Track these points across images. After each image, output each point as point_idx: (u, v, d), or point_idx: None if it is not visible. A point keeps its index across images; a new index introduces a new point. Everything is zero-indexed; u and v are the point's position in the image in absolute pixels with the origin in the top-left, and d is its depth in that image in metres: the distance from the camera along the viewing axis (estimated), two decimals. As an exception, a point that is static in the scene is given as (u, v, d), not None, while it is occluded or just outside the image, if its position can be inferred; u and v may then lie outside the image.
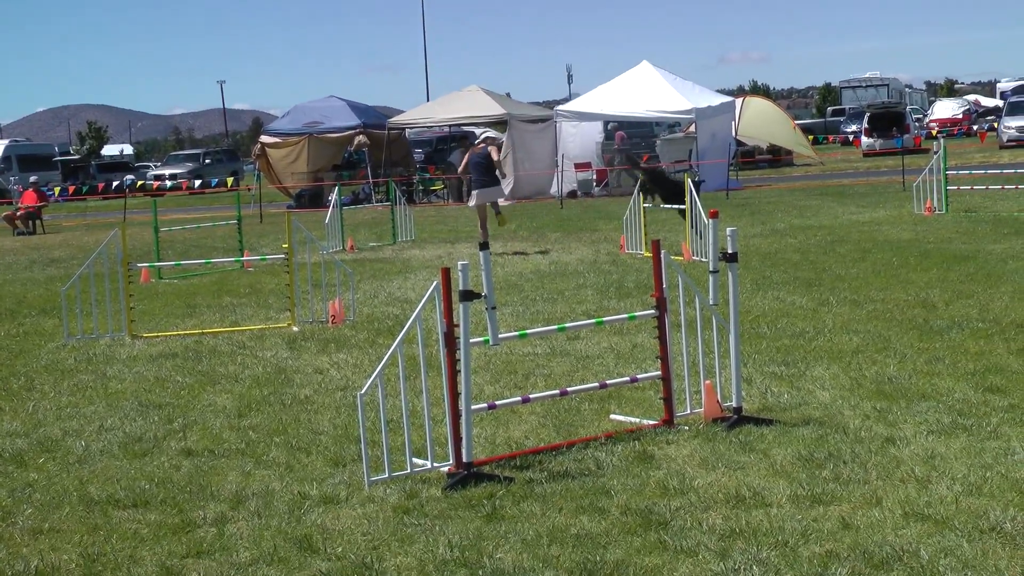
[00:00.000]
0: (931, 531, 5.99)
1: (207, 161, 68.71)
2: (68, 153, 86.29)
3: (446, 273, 7.45)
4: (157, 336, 13.91)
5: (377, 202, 38.47)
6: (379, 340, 12.75)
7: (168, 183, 58.42)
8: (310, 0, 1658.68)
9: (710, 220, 8.67)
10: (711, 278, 8.48)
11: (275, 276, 19.28)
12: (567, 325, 8.62)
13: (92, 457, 8.49)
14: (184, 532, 6.72)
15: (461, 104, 41.67)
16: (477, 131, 54.16)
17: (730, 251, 8.49)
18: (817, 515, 6.34)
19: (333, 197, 25.25)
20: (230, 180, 47.12)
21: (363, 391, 7.43)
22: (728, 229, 8.66)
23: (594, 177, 40.41)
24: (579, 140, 40.57)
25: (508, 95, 47.71)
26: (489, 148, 21.35)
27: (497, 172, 21.80)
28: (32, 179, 39.98)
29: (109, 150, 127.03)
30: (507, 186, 38.69)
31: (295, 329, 13.85)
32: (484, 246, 7.56)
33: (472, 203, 21.61)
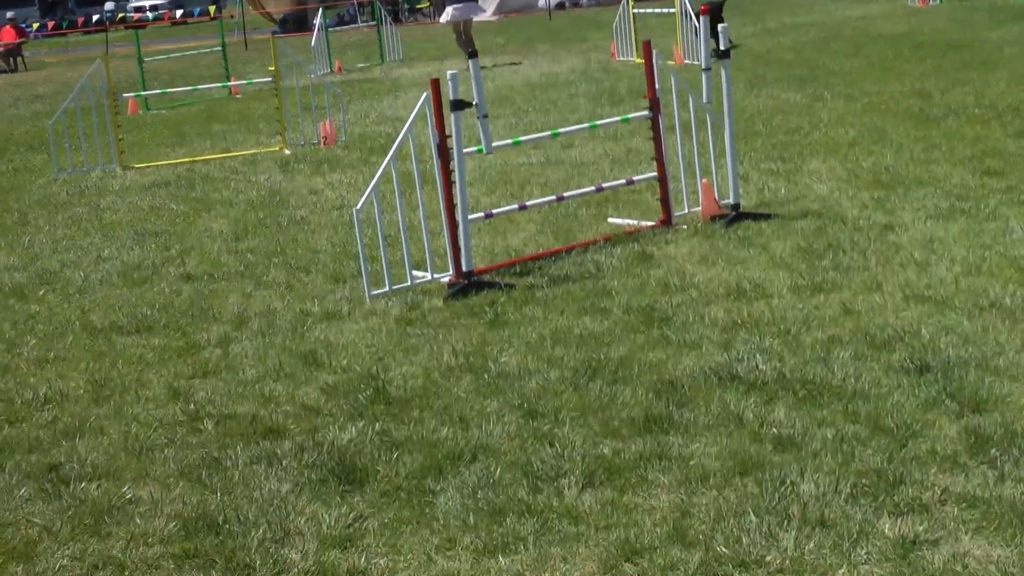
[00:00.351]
0: (931, 311, 6.02)
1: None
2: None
3: (435, 85, 7.35)
4: (148, 166, 13.82)
5: (363, 23, 37.90)
6: (372, 159, 12.66)
7: (150, 15, 57.49)
8: None
9: (701, 17, 8.52)
10: (704, 76, 8.37)
11: (264, 101, 19.05)
12: (561, 131, 8.55)
13: (92, 287, 8.49)
14: (189, 354, 6.74)
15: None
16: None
17: (722, 48, 8.36)
18: (818, 303, 6.36)
19: (318, 20, 24.86)
20: (212, 8, 46.49)
21: (358, 207, 7.39)
22: (720, 26, 8.52)
23: (583, -13, 39.83)
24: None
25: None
26: None
27: None
28: (9, 15, 39.33)
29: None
30: (494, 2, 38.13)
31: (287, 152, 13.75)
32: (472, 54, 7.44)
33: (444, 19, 21.28)
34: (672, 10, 19.55)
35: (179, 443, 5.44)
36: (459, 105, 7.31)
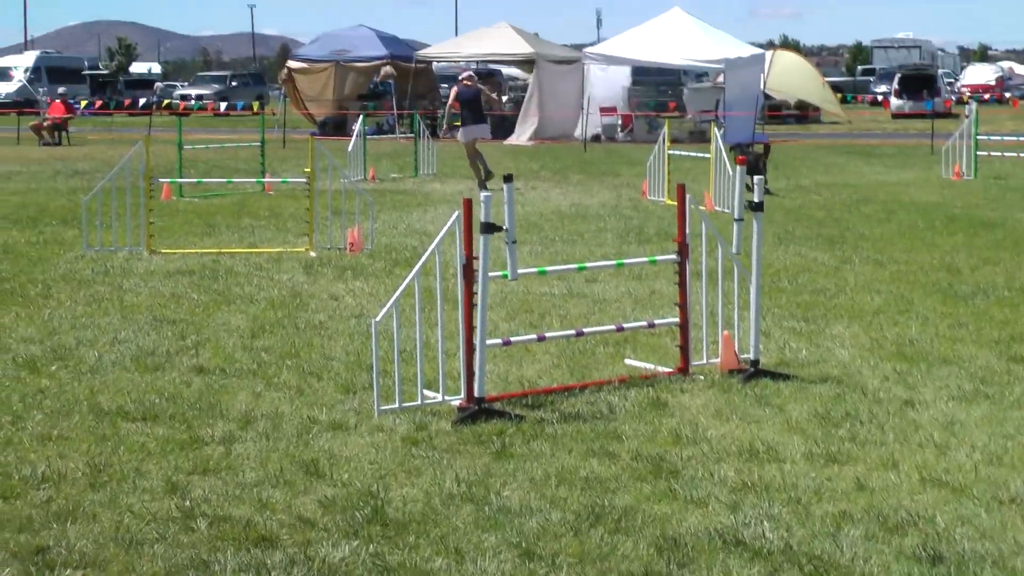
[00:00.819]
0: (948, 498, 5.85)
1: (234, 84, 68.40)
2: (97, 68, 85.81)
3: (468, 205, 7.30)
4: (175, 253, 13.81)
5: (400, 134, 38.21)
6: (396, 270, 12.62)
7: (194, 103, 58.16)
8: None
9: (737, 167, 8.50)
10: (735, 226, 8.32)
11: (295, 201, 19.13)
12: (587, 265, 8.48)
13: (104, 368, 8.40)
14: (191, 448, 6.62)
15: (490, 41, 41.32)
16: (505, 70, 53.97)
17: (756, 200, 8.32)
18: (832, 474, 6.21)
19: (357, 126, 25.04)
20: (256, 104, 46.95)
21: (378, 319, 7.31)
22: (755, 178, 8.49)
23: (619, 122, 40.11)
24: (606, 84, 40.22)
25: (537, 35, 47.30)
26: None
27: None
28: (60, 91, 39.79)
29: (137, 67, 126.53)
30: (531, 127, 38.44)
31: (312, 254, 13.73)
32: (507, 178, 7.39)
33: (461, 139, 21.86)
34: (707, 155, 19.63)
35: (170, 540, 5.30)
36: (490, 228, 7.25)
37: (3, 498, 5.83)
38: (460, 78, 22.53)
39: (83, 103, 46.43)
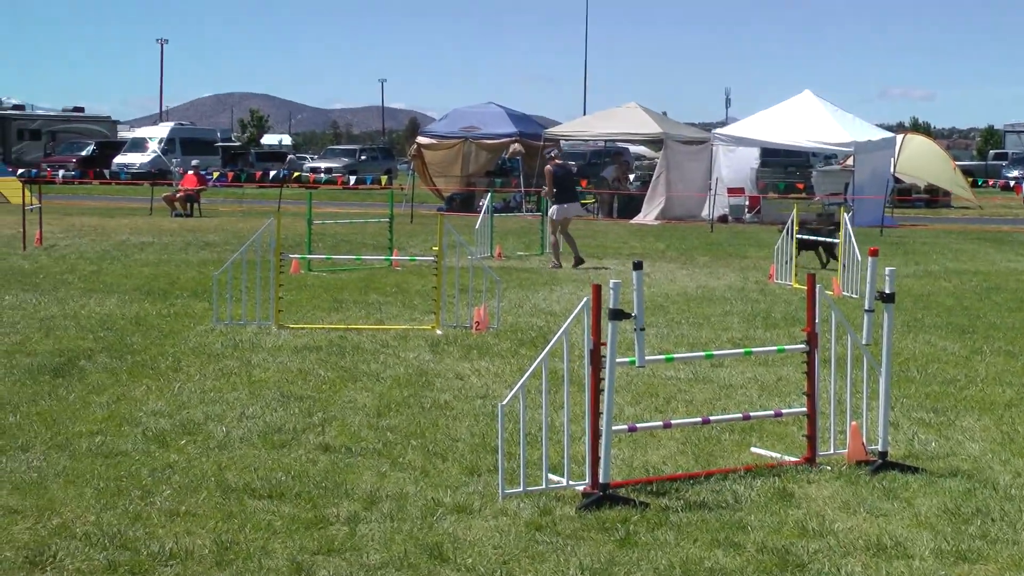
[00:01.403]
0: (1083, 602, 5.74)
1: (363, 157, 69.72)
2: (229, 139, 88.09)
3: (597, 292, 7.38)
4: (303, 328, 14.08)
5: (527, 211, 38.51)
6: (522, 351, 12.72)
7: (324, 176, 59.32)
8: (473, 5, 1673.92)
9: (869, 258, 8.47)
10: (865, 317, 8.28)
11: (422, 277, 19.39)
12: (714, 352, 8.49)
13: (232, 443, 8.60)
14: (316, 528, 6.74)
15: (618, 120, 41.50)
16: (633, 148, 54.20)
17: (888, 291, 8.28)
18: (962, 573, 6.12)
19: (485, 203, 25.34)
20: (384, 178, 47.71)
21: (504, 401, 7.39)
22: (887, 269, 8.44)
23: (747, 203, 39.97)
24: (734, 165, 40.19)
25: (665, 114, 47.50)
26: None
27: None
28: (193, 163, 40.86)
29: (269, 139, 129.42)
30: (658, 206, 38.48)
31: (439, 332, 13.90)
32: (637, 265, 7.46)
33: (555, 216, 22.06)
34: (835, 240, 19.48)
35: (295, 620, 5.40)
36: (618, 315, 7.32)
37: (132, 574, 5.99)
38: (550, 156, 22.87)
39: (215, 175, 47.63)
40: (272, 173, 47.77)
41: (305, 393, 10.41)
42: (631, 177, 44.22)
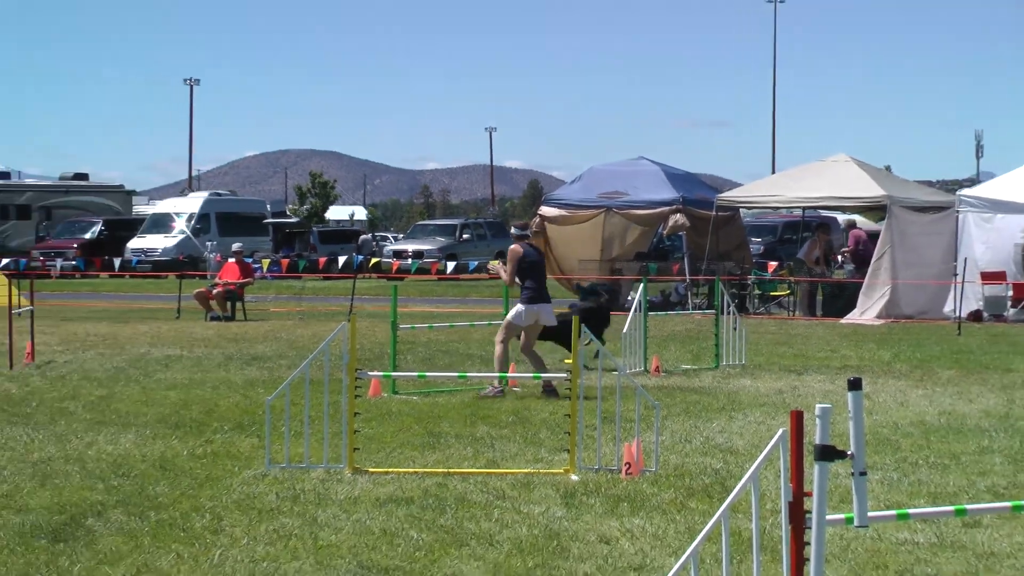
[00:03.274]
0: None
1: (465, 236, 70.43)
2: (283, 213, 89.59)
3: (797, 420, 7.37)
4: (387, 472, 14.19)
5: (695, 308, 38.53)
6: (691, 503, 12.69)
7: (412, 263, 59.93)
8: (613, 27, 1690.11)
9: None
10: None
11: (550, 402, 19.44)
12: (967, 507, 8.41)
13: (293, 633, 8.68)
14: None
15: (822, 179, 41.39)
16: (842, 217, 54.01)
17: None
18: None
19: (635, 297, 25.38)
20: (495, 264, 48.06)
21: (671, 574, 7.38)
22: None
23: (1009, 293, 39.53)
24: (990, 240, 39.73)
25: (888, 169, 47.45)
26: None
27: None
28: (235, 247, 41.51)
29: (337, 212, 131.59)
30: (880, 300, 38.24)
31: (574, 478, 13.92)
32: (854, 384, 7.44)
33: (520, 321, 21.33)
34: None
35: None
36: (828, 454, 7.29)
37: None
38: (514, 232, 22.64)
39: (265, 263, 48.41)
40: (342, 259, 48.48)
41: (392, 564, 10.48)
42: (840, 259, 44.03)
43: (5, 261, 50.98)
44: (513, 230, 22.72)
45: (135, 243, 69.26)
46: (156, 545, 10.99)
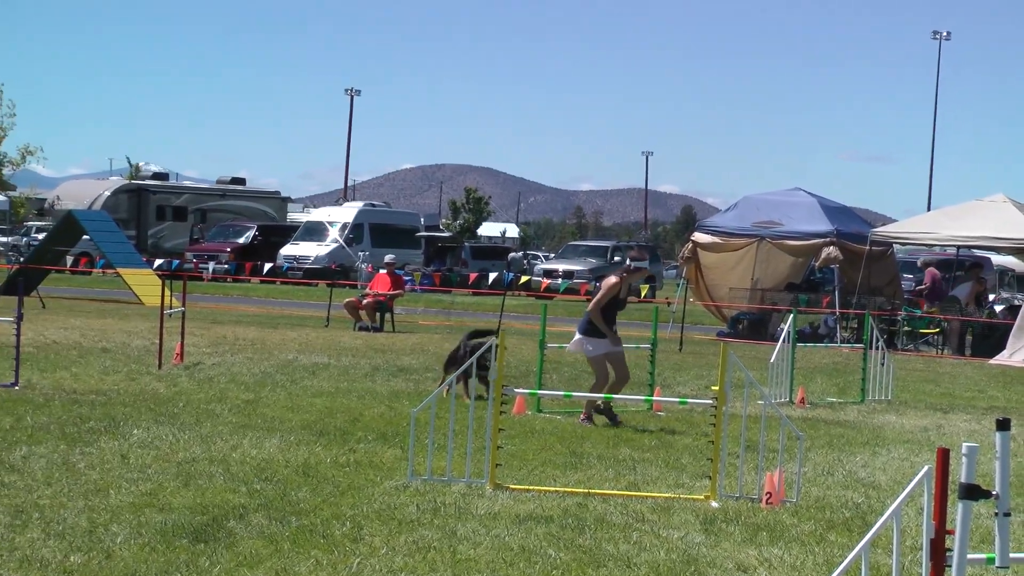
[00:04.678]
0: None
1: (616, 258, 70.41)
2: (437, 227, 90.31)
3: (943, 457, 7.32)
4: (528, 490, 14.23)
5: (844, 341, 38.26)
6: (831, 536, 12.62)
7: (562, 282, 60.07)
8: (771, 58, 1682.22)
9: None
10: None
11: (693, 426, 19.41)
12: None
13: (427, 644, 8.74)
14: None
15: (978, 218, 40.94)
16: (996, 258, 53.44)
17: None
18: None
19: (785, 327, 25.27)
20: (644, 288, 48.10)
21: (806, 607, 7.36)
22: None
23: None
24: None
25: (1048, 211, 46.71)
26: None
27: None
28: (388, 258, 41.81)
29: (489, 228, 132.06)
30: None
31: (714, 504, 13.89)
32: (1003, 424, 7.38)
33: (570, 348, 21.43)
34: None
35: None
36: (973, 493, 7.24)
37: None
38: (632, 265, 21.11)
39: (416, 275, 48.76)
40: (492, 276, 48.73)
41: (528, 580, 10.51)
42: (992, 298, 43.54)
43: (159, 262, 51.85)
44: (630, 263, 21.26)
45: (288, 250, 70.00)
46: (296, 550, 11.11)
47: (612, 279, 20.75)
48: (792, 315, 26.02)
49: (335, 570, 10.53)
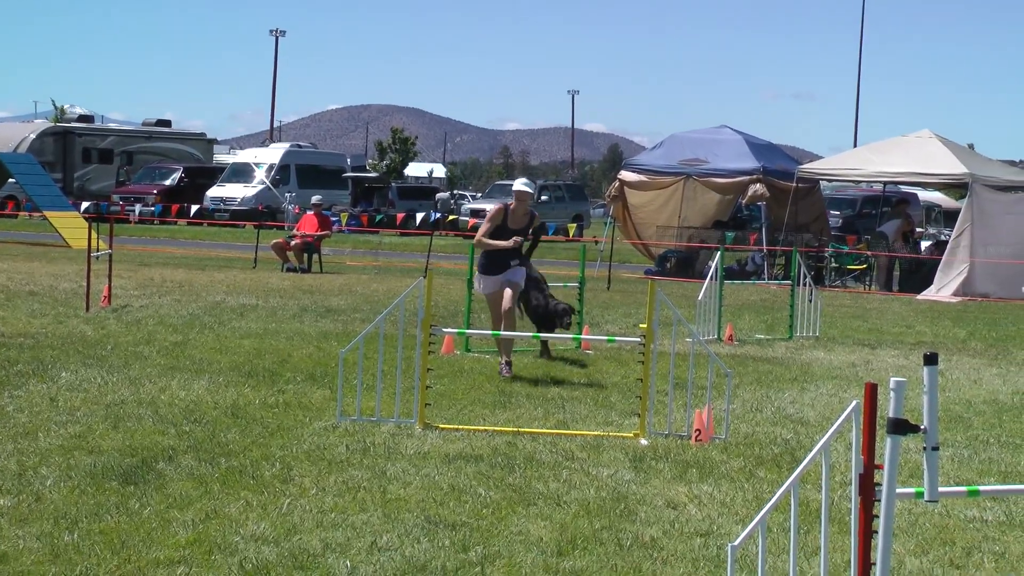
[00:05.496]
0: None
1: (543, 198, 70.37)
2: (363, 168, 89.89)
3: (871, 392, 7.33)
4: (457, 429, 14.24)
5: (772, 278, 38.42)
6: (760, 472, 12.68)
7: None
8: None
9: None
10: None
11: (622, 366, 19.45)
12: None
13: (358, 584, 8.73)
14: None
15: (904, 154, 41.16)
16: (923, 194, 53.69)
17: None
18: None
19: (712, 265, 25.33)
20: (572, 228, 48.09)
21: (736, 542, 7.37)
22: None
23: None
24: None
25: (971, 147, 47.08)
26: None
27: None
28: (315, 199, 41.59)
29: (416, 169, 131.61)
30: (958, 277, 38.01)
31: (643, 442, 13.93)
32: (930, 359, 7.39)
33: (479, 288, 19.67)
34: None
35: None
36: (901, 427, 7.25)
37: None
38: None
39: (343, 216, 48.55)
40: (420, 216, 48.59)
41: (459, 519, 10.52)
42: (918, 233, 43.80)
43: (85, 204, 51.42)
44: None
45: (214, 192, 69.63)
46: (225, 492, 11.08)
47: (494, 206, 19.74)
48: (720, 252, 26.06)
49: (265, 511, 10.50)
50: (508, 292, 18.97)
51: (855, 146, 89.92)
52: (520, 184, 19.65)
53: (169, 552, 9.26)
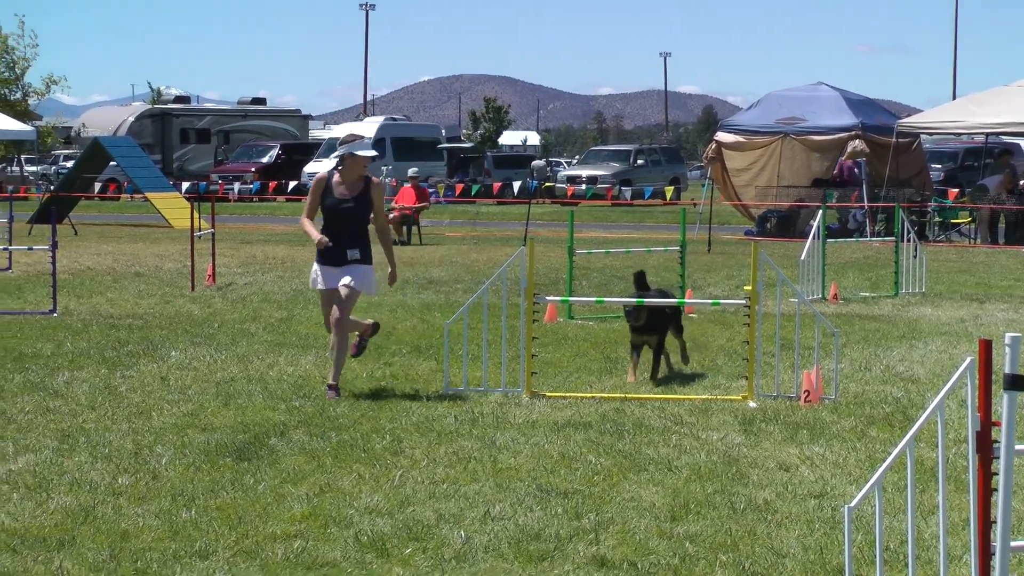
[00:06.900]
0: None
1: (639, 161, 70.27)
2: (458, 139, 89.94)
3: (986, 348, 7.26)
4: (565, 397, 14.25)
5: (875, 235, 38.15)
6: (872, 432, 12.61)
7: (586, 188, 59.86)
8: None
9: None
10: None
11: (727, 328, 19.38)
12: None
13: (473, 554, 8.77)
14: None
15: (1005, 104, 40.71)
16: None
17: None
18: None
19: (814, 224, 25.19)
20: (670, 190, 48.00)
21: (852, 503, 7.34)
22: None
23: None
24: None
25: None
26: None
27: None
28: (411, 171, 41.74)
29: (510, 138, 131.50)
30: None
31: (752, 405, 13.89)
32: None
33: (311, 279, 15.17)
34: None
35: None
36: (1018, 383, 7.18)
37: None
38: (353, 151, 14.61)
39: (440, 188, 48.66)
40: (516, 185, 48.55)
41: (571, 487, 10.54)
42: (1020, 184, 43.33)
43: (186, 185, 51.77)
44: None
45: (311, 167, 69.75)
46: (338, 465, 11.15)
47: (319, 174, 14.83)
48: (821, 211, 25.92)
49: (378, 483, 10.57)
50: (341, 295, 14.55)
51: (954, 98, 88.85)
52: (351, 147, 14.54)
53: (285, 527, 9.34)
